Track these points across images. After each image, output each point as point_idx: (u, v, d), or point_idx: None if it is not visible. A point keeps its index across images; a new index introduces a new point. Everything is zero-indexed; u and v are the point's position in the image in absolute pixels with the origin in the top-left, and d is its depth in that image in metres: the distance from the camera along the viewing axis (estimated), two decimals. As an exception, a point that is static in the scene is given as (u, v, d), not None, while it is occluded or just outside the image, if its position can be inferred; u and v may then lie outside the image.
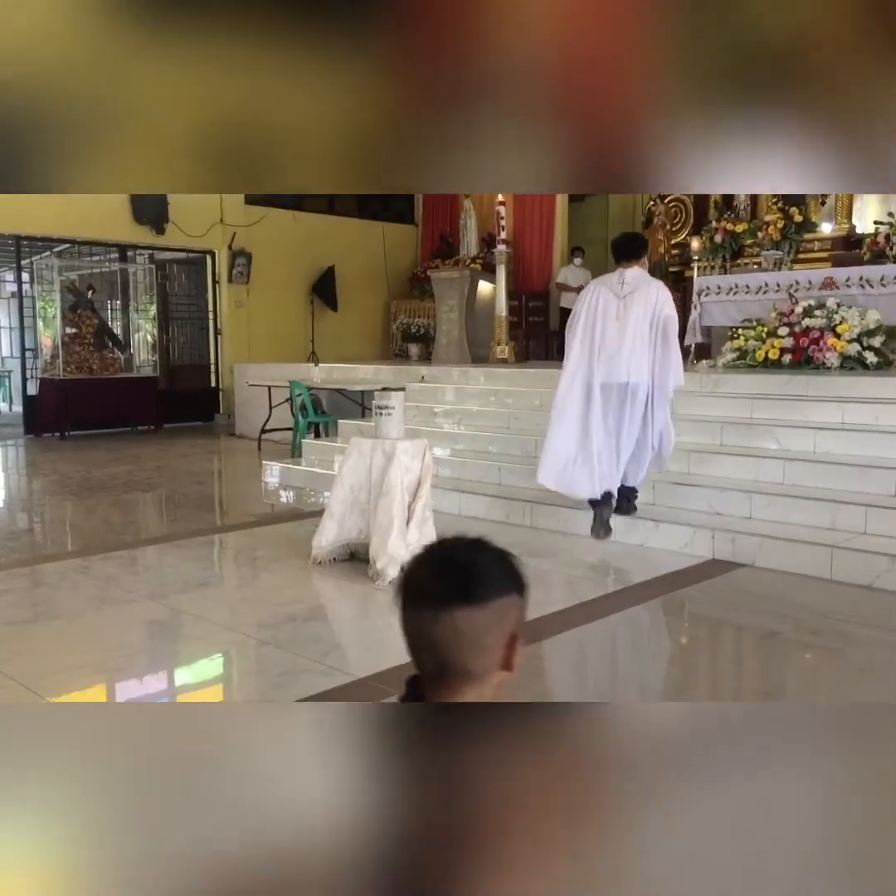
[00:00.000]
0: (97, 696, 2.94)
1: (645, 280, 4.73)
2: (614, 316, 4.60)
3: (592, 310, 4.70)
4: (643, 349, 4.56)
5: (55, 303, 10.75)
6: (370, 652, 3.32)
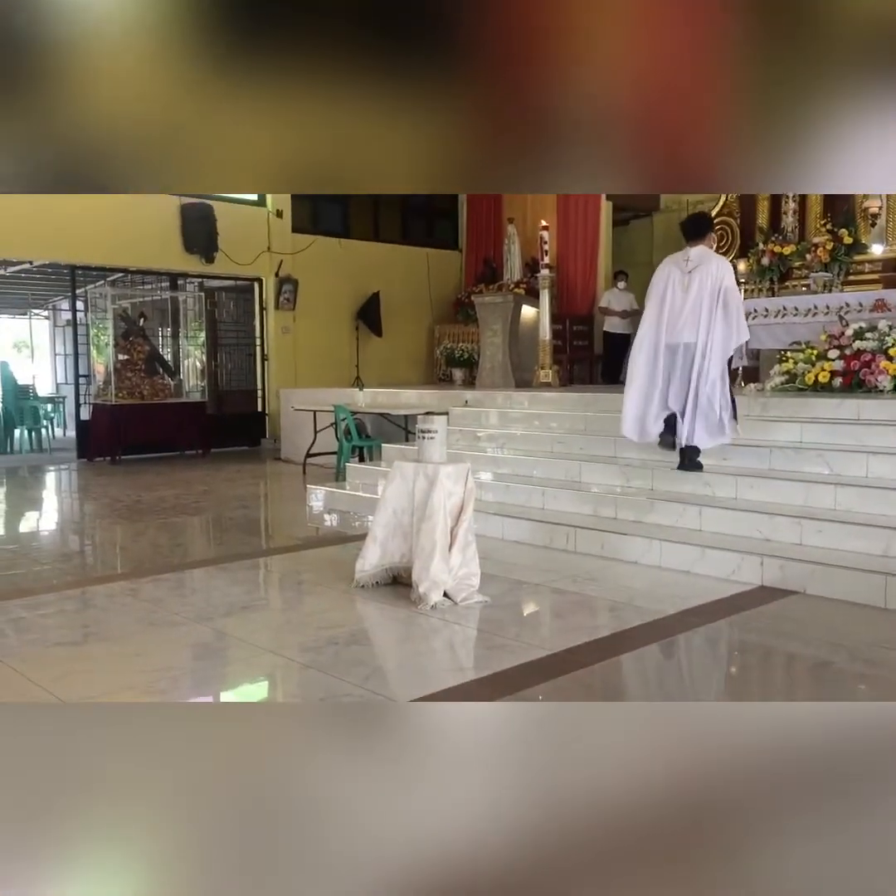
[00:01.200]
0: (143, 718, 2.97)
1: (707, 256, 5.32)
2: (681, 288, 5.28)
3: (662, 283, 5.38)
4: (704, 315, 5.21)
5: (108, 330, 11.03)
6: (412, 676, 3.31)
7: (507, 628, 3.84)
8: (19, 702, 2.89)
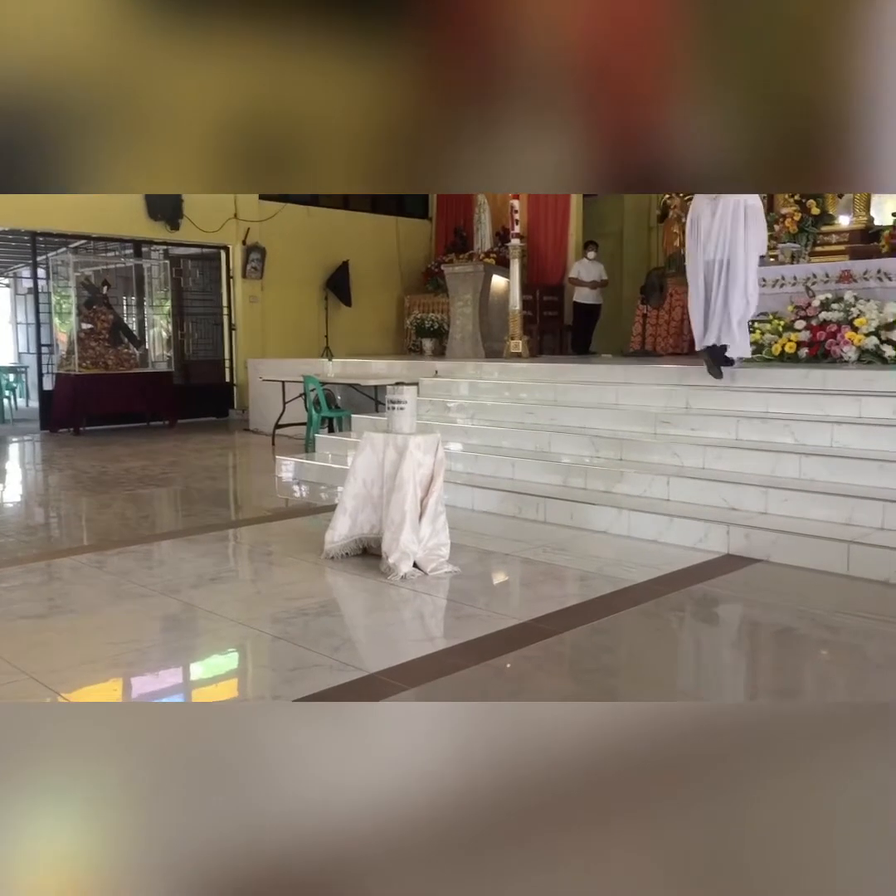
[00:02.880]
0: (110, 691, 2.95)
1: None
2: (709, 212, 5.96)
3: (694, 212, 6.13)
4: (733, 231, 5.91)
5: (70, 298, 10.80)
6: (382, 647, 3.31)
7: (477, 598, 3.86)
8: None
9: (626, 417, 6.20)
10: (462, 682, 2.91)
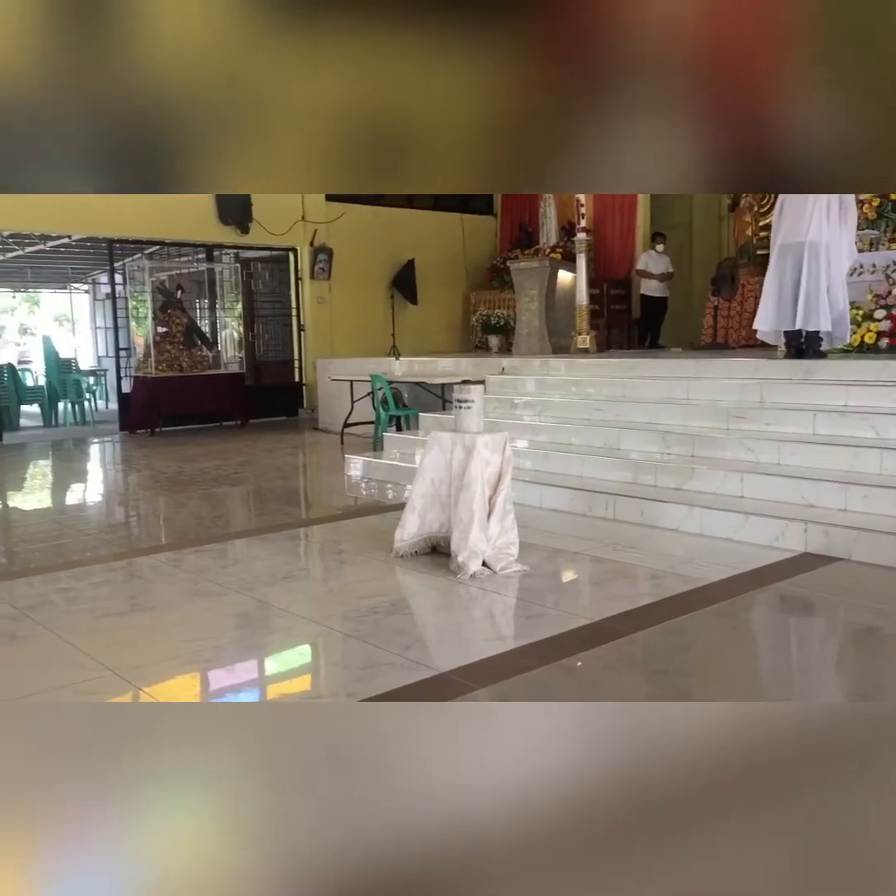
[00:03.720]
0: (188, 687, 3.03)
1: None
2: (801, 198, 6.14)
3: (783, 195, 6.38)
4: (820, 218, 6.05)
5: (146, 303, 11.13)
6: (452, 646, 3.32)
7: (547, 597, 3.84)
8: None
9: (698, 412, 6.08)
10: (533, 683, 2.89)
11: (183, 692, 2.98)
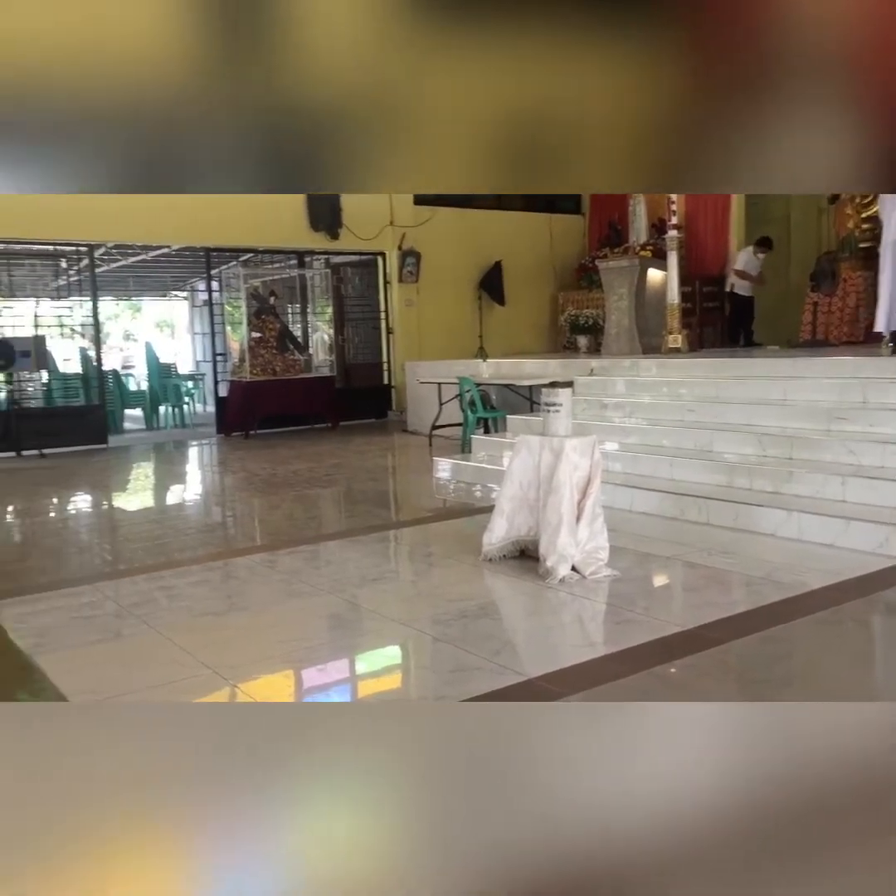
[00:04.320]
0: (283, 686, 3.11)
1: None
2: None
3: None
4: None
5: (241, 309, 11.46)
6: (541, 651, 3.31)
7: (638, 603, 3.77)
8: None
9: (796, 413, 5.88)
10: (623, 690, 2.85)
11: (278, 692, 3.06)
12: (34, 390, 10.61)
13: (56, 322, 11.05)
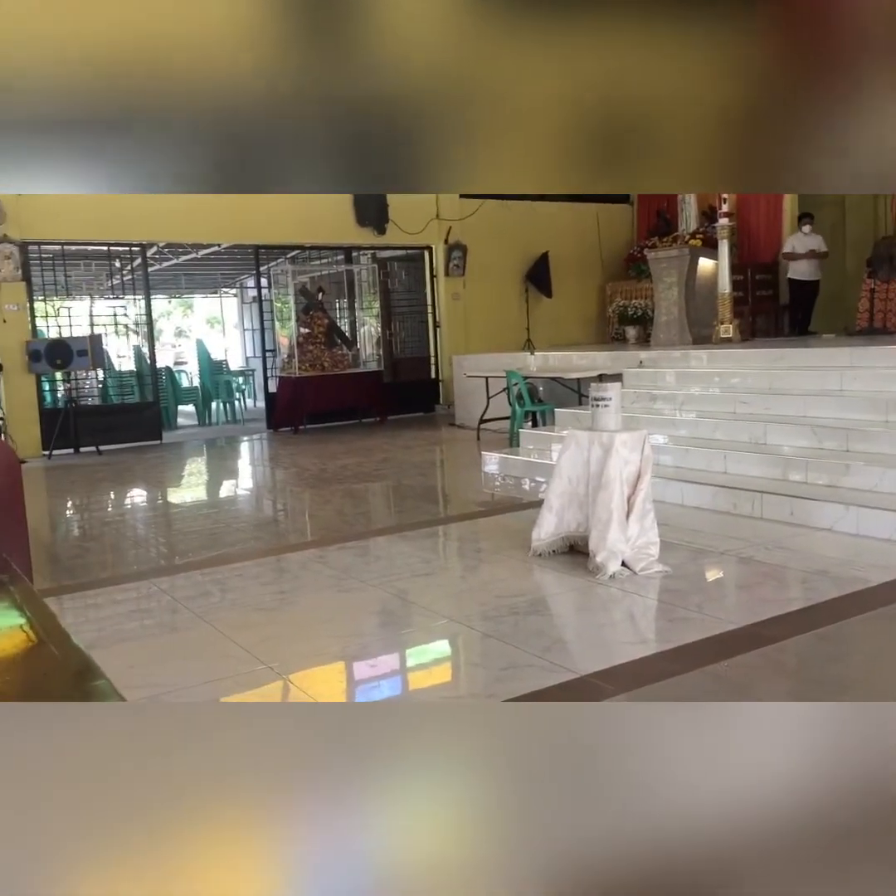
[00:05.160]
0: (337, 682, 3.15)
1: None
2: None
3: None
4: None
5: (290, 305, 11.58)
6: (592, 648, 3.29)
7: (690, 599, 3.73)
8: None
9: (853, 404, 5.74)
10: (677, 689, 2.83)
11: (333, 688, 3.10)
12: (90, 388, 10.87)
13: (111, 321, 11.28)
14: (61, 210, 9.31)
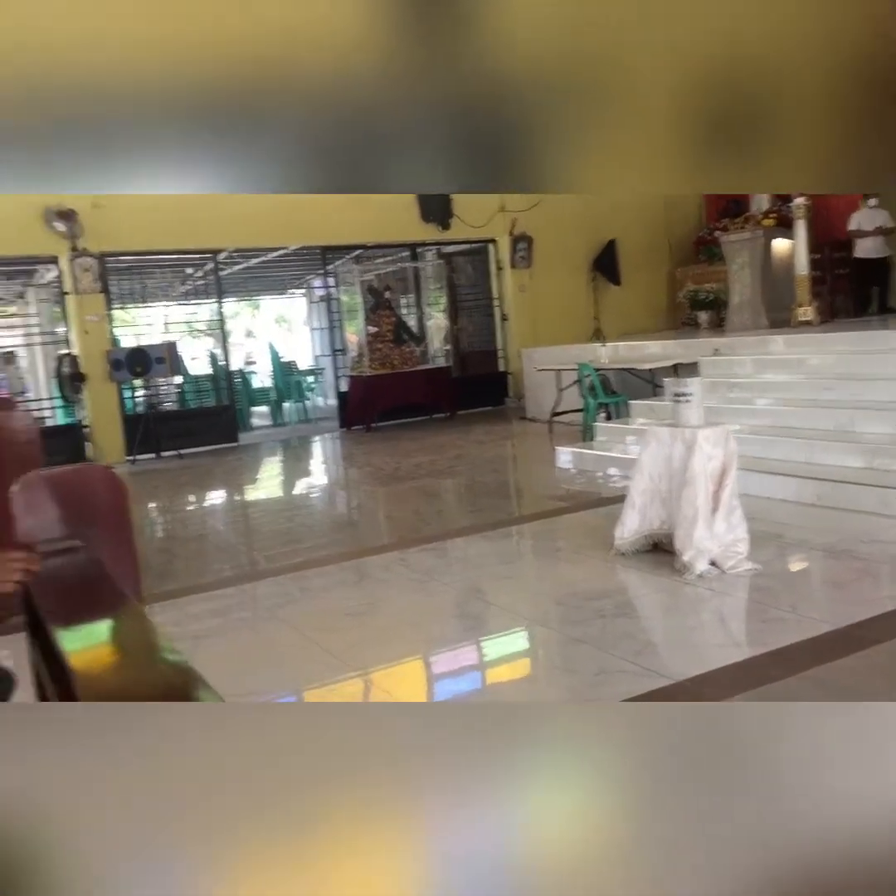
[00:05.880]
0: (424, 688, 3.17)
1: None
2: None
3: None
4: None
5: (357, 304, 11.68)
6: (684, 652, 3.24)
7: (782, 599, 3.64)
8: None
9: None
10: (778, 695, 2.76)
11: (424, 694, 3.13)
12: (168, 393, 11.17)
13: (185, 326, 11.56)
14: (135, 222, 9.56)
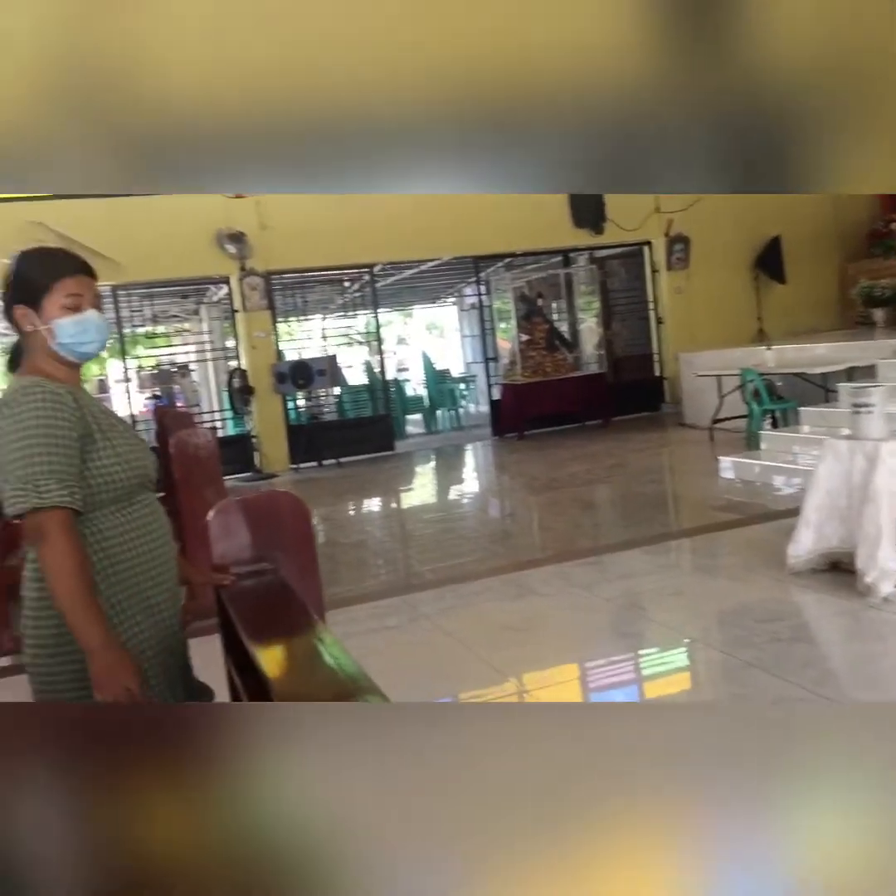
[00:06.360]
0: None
1: None
2: None
3: None
4: None
5: (509, 312, 11.72)
6: (870, 682, 3.04)
7: (982, 628, 3.35)
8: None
9: None
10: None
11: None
12: (328, 404, 11.61)
13: (343, 338, 11.99)
14: (298, 241, 10.01)
